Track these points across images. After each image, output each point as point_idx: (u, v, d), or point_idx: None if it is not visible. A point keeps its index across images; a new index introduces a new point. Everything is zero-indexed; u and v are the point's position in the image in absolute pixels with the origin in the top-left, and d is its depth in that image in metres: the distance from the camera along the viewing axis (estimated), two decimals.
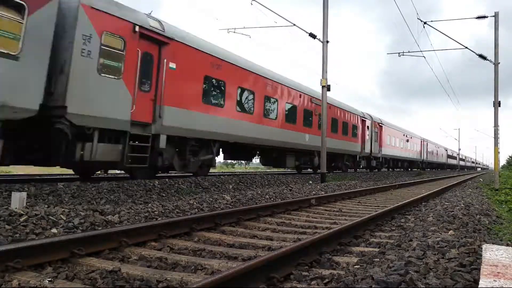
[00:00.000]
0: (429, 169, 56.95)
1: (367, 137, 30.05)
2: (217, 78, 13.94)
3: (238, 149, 16.82)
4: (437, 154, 62.79)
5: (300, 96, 20.09)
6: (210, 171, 16.01)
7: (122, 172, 14.12)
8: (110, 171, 13.54)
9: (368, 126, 30.34)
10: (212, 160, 14.33)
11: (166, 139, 11.59)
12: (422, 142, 50.53)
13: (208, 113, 13.41)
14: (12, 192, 6.14)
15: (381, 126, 33.35)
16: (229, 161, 54.90)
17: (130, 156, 10.58)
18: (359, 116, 28.64)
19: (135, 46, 10.57)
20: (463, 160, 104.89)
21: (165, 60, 11.53)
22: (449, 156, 76.68)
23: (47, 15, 8.57)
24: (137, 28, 10.52)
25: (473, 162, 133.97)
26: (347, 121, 26.12)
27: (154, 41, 11.27)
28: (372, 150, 31.10)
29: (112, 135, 10.20)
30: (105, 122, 9.76)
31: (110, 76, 9.91)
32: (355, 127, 27.59)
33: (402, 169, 43.39)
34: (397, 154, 38.41)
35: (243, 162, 47.30)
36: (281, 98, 18.33)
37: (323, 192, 11.61)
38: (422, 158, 50.22)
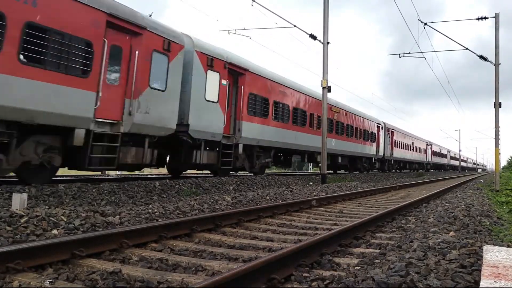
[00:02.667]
0: (433, 170, 59.41)
1: (381, 142, 33.89)
2: (281, 101, 18.11)
3: (282, 154, 20.13)
4: (440, 155, 66.07)
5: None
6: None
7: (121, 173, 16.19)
8: (108, 172, 14.13)
9: (381, 132, 34.20)
10: (269, 163, 18.12)
11: (242, 147, 15.22)
12: (427, 145, 54.03)
13: (269, 126, 17.04)
14: (13, 193, 6.14)
15: (393, 132, 37.18)
16: None
17: (221, 159, 14.12)
18: (375, 123, 32.59)
19: (225, 78, 14.01)
20: (465, 161, 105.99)
21: (242, 87, 15.21)
22: (451, 158, 79.72)
23: (178, 61, 11.77)
24: (227, 65, 13.98)
25: (474, 164, 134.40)
26: (365, 127, 30.07)
27: (236, 73, 14.99)
28: (385, 153, 34.86)
29: (212, 145, 13.88)
30: (209, 135, 13.27)
31: (212, 101, 13.33)
32: (372, 133, 31.64)
33: (410, 170, 46.36)
34: (406, 156, 42.22)
35: None
36: (315, 111, 21.54)
37: (323, 193, 11.60)
38: (427, 160, 53.81)
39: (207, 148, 13.62)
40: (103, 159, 9.85)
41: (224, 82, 13.92)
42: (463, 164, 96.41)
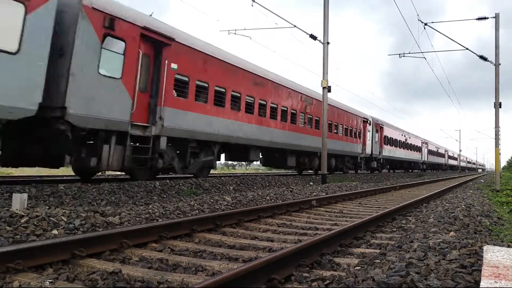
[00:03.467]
0: (429, 170, 57.31)
1: (368, 138, 30.29)
2: (226, 86, 14.46)
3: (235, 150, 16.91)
4: (437, 155, 63.46)
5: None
6: (211, 172, 16.72)
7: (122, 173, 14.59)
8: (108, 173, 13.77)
9: (368, 127, 30.61)
10: (212, 162, 14.71)
11: (166, 140, 12.15)
12: (423, 143, 51.01)
13: (209, 115, 13.67)
14: (13, 194, 6.14)
15: (382, 127, 33.51)
16: (229, 162, 54.87)
17: (132, 157, 10.86)
18: (360, 118, 29.01)
19: (137, 47, 10.82)
20: (465, 161, 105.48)
21: (166, 62, 11.67)
22: (449, 157, 77.27)
23: (45, 14, 8.45)
24: (140, 30, 10.70)
25: (474, 164, 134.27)
26: (348, 122, 26.49)
27: (158, 43, 11.55)
28: (373, 151, 31.28)
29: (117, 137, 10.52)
30: (104, 123, 9.95)
31: (110, 76, 9.92)
32: (356, 128, 28.04)
33: (403, 171, 43.72)
34: (398, 155, 38.68)
35: (244, 163, 47.21)
36: (275, 100, 18.26)
37: (323, 194, 11.60)
38: (423, 159, 50.67)
39: (107, 141, 10.01)
40: None
41: (132, 52, 10.48)
42: (463, 164, 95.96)
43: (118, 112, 10.05)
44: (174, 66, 11.82)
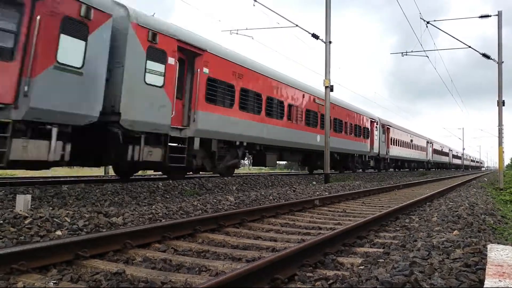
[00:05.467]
0: (434, 169, 57.88)
1: (375, 138, 31.19)
2: (251, 89, 15.64)
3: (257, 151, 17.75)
4: (442, 154, 64.18)
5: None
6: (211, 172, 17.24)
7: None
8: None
9: (376, 127, 31.50)
10: (237, 163, 16.02)
11: (199, 141, 13.18)
12: (428, 143, 51.92)
13: (235, 117, 14.77)
14: (17, 195, 6.17)
15: (389, 128, 34.49)
16: None
17: (169, 156, 11.78)
18: (368, 118, 29.97)
19: (175, 58, 11.78)
20: (468, 160, 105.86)
21: (199, 70, 12.79)
22: (454, 156, 78.06)
23: (103, 33, 9.74)
24: (177, 43, 11.75)
25: (477, 162, 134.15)
26: (357, 122, 27.39)
27: (192, 54, 12.62)
28: (380, 151, 32.11)
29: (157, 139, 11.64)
30: (150, 126, 11.23)
31: (154, 85, 11.00)
32: (365, 128, 29.01)
33: (408, 170, 44.26)
34: (404, 154, 39.57)
35: (246, 163, 47.24)
36: (297, 103, 19.36)
37: (326, 193, 11.59)
38: (428, 158, 51.55)
39: (150, 143, 11.00)
40: None
41: (172, 62, 11.52)
42: (466, 163, 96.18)
43: (161, 117, 11.18)
44: (206, 70, 12.93)
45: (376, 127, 31.54)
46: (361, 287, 2.97)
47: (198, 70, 12.64)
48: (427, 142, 51.58)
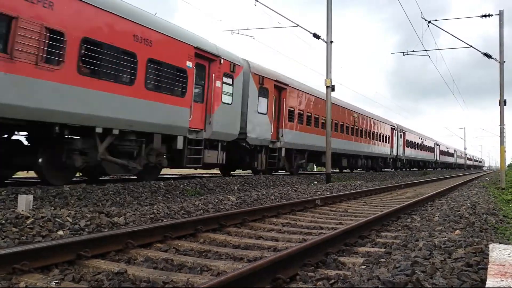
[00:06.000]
0: (440, 168, 61.67)
1: (394, 142, 36.79)
2: (312, 112, 21.05)
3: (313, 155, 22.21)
4: (448, 154, 68.68)
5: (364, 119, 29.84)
6: (215, 172, 20.81)
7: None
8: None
9: (395, 133, 36.94)
10: (304, 163, 21.58)
11: (284, 150, 18.18)
12: (436, 145, 56.37)
13: (303, 132, 19.98)
14: (19, 195, 6.17)
15: (404, 133, 39.87)
16: None
17: (268, 161, 17.15)
18: (389, 126, 35.69)
19: (272, 93, 17.39)
20: (470, 159, 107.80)
21: (284, 100, 18.35)
22: (458, 157, 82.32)
23: (239, 80, 14.88)
24: (274, 82, 17.52)
25: (476, 161, 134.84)
26: (381, 130, 33.22)
27: (279, 88, 18.01)
28: (398, 153, 37.70)
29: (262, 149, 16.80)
30: (260, 141, 16.28)
31: (262, 113, 16.41)
32: (386, 135, 34.67)
33: (418, 169, 48.84)
34: (416, 155, 45.03)
35: None
36: (341, 120, 25.16)
37: (328, 193, 11.59)
38: (435, 158, 56.30)
39: (260, 152, 16.27)
40: (193, 159, 12.52)
41: (272, 96, 16.91)
42: (469, 162, 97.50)
43: (266, 134, 16.47)
44: (288, 101, 18.30)
45: (395, 133, 36.85)
46: (363, 287, 2.97)
47: (284, 100, 18.03)
48: (435, 143, 56.26)
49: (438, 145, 58.61)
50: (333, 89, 17.10)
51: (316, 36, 17.24)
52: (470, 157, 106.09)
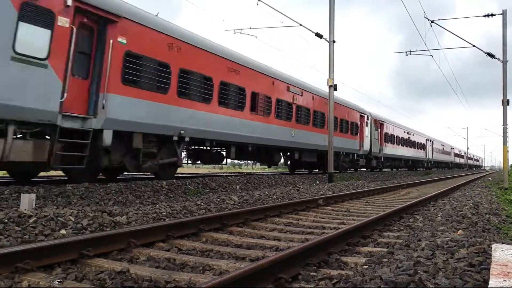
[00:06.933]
0: (435, 169, 55.89)
1: (366, 135, 28.50)
2: (200, 72, 13.72)
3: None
4: (443, 152, 61.89)
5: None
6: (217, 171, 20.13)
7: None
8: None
9: (367, 123, 28.78)
10: (178, 161, 14.03)
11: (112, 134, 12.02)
12: (427, 141, 49.40)
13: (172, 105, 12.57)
14: (21, 194, 6.19)
15: (382, 124, 31.84)
16: (236, 161, 54.88)
17: (56, 154, 12.21)
18: (357, 112, 27.13)
19: (68, 19, 9.14)
20: (471, 159, 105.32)
21: (111, 41, 10.26)
22: (456, 155, 75.47)
23: None
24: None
25: (475, 160, 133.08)
26: (344, 116, 24.57)
27: (102, 20, 9.83)
28: (372, 148, 29.58)
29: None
30: (22, 112, 8.79)
31: (32, 57, 8.27)
32: (353, 123, 26.14)
33: (406, 169, 42.79)
34: (400, 153, 37.24)
35: (250, 162, 47.21)
36: (259, 89, 16.09)
37: (330, 192, 11.58)
38: (427, 157, 49.13)
39: (22, 136, 8.46)
40: None
41: (61, 24, 8.59)
42: (470, 162, 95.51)
43: (43, 99, 9.01)
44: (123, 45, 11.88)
45: (367, 122, 28.69)
46: (365, 287, 2.97)
47: (111, 40, 9.89)
48: (427, 139, 48.90)
49: (431, 141, 50.83)
50: (335, 89, 17.09)
51: (318, 35, 17.23)
52: (471, 156, 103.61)
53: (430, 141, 51.10)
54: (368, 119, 29.02)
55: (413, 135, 42.13)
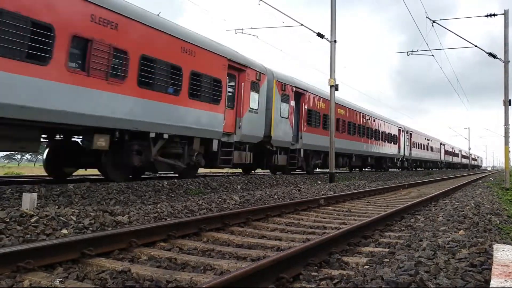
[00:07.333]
0: (445, 168, 62.66)
1: (401, 143, 37.82)
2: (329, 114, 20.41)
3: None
4: (452, 154, 69.88)
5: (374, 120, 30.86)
6: (216, 171, 21.95)
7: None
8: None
9: (402, 134, 37.96)
10: (319, 163, 22.26)
11: (303, 151, 19.46)
12: (441, 145, 57.29)
13: (320, 135, 20.65)
14: (23, 193, 6.20)
15: (411, 134, 41.09)
16: None
17: (289, 161, 18.46)
18: (397, 127, 36.88)
19: (293, 99, 18.68)
20: (475, 159, 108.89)
21: (303, 104, 19.67)
22: (462, 156, 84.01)
23: (264, 87, 16.15)
24: (294, 89, 18.60)
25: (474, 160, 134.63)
26: (390, 131, 34.49)
27: (299, 94, 19.18)
28: (405, 153, 38.80)
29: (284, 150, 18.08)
30: (283, 143, 17.49)
31: (284, 117, 17.59)
32: (394, 135, 35.77)
33: (424, 169, 49.64)
34: (422, 156, 46.12)
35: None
36: (364, 123, 27.62)
37: (331, 192, 11.58)
38: (441, 158, 57.27)
39: (281, 153, 17.57)
40: (225, 160, 13.80)
41: (292, 102, 18.14)
42: (473, 162, 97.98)
43: (287, 137, 17.70)
44: (305, 107, 19.37)
45: (402, 134, 37.78)
46: (366, 287, 2.97)
47: (303, 104, 19.21)
48: (440, 144, 57.25)
49: (443, 145, 59.74)
50: (337, 89, 17.06)
51: (320, 35, 17.20)
52: (474, 157, 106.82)
53: (443, 145, 59.50)
54: (403, 131, 38.23)
55: (431, 141, 50.62)
